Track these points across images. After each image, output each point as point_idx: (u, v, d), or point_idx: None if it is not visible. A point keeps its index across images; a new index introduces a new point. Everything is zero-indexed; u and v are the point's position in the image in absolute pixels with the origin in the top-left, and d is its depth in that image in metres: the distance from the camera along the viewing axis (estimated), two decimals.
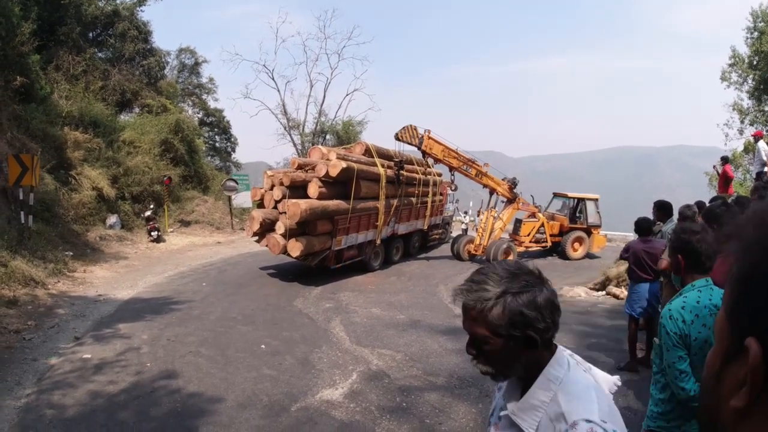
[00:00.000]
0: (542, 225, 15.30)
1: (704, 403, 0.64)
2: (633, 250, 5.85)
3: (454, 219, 20.58)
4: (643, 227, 5.94)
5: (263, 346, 6.75)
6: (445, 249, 16.32)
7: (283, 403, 5.03)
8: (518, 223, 15.52)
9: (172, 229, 16.51)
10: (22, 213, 10.31)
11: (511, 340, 1.25)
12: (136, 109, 21.60)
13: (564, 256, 15.53)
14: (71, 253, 11.40)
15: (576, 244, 15.71)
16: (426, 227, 15.07)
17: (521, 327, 1.24)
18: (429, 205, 14.75)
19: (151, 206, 15.85)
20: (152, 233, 14.76)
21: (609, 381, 1.45)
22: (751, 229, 0.57)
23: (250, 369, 5.92)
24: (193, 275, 11.13)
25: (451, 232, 18.61)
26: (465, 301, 1.30)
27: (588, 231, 15.89)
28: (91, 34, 21.13)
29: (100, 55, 21.19)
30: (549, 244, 15.58)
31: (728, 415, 0.56)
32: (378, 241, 12.44)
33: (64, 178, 13.83)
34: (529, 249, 15.43)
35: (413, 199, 13.83)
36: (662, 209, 6.42)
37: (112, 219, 14.62)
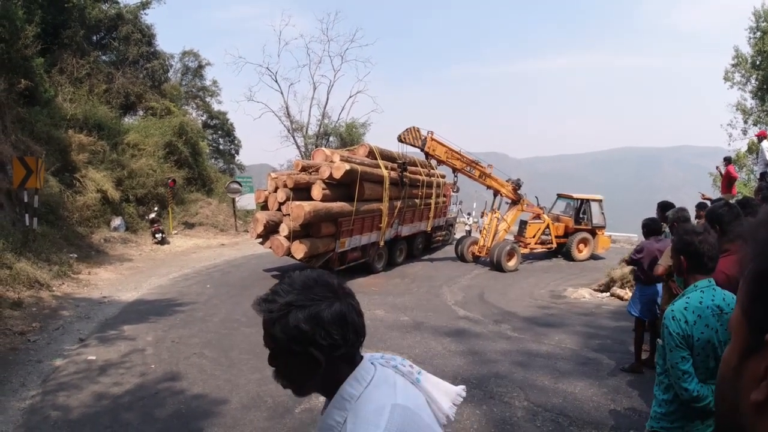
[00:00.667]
0: (547, 226, 15.24)
1: (723, 396, 0.64)
2: (648, 250, 5.69)
3: (457, 221, 20.57)
4: (652, 228, 5.88)
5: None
6: (448, 251, 16.31)
7: (287, 405, 5.02)
8: (523, 224, 15.45)
9: (176, 231, 16.55)
10: (26, 215, 10.36)
11: (295, 356, 1.16)
12: (140, 112, 21.70)
13: (569, 257, 15.47)
14: (76, 255, 11.44)
15: (581, 246, 15.65)
16: (429, 229, 15.06)
17: (302, 343, 1.14)
18: (432, 206, 14.74)
19: (156, 208, 15.91)
20: (156, 235, 14.81)
21: (451, 392, 1.39)
22: (765, 230, 0.59)
23: (254, 371, 5.92)
24: (197, 277, 11.15)
25: (454, 234, 18.60)
26: (256, 311, 1.23)
27: (593, 232, 15.83)
28: (94, 38, 21.26)
29: (104, 58, 21.30)
30: (554, 245, 15.53)
31: (748, 409, 0.57)
32: (381, 243, 12.44)
33: (68, 181, 13.89)
34: (534, 251, 15.38)
35: (417, 201, 13.83)
36: (666, 210, 6.38)
37: (117, 221, 14.67)
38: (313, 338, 1.13)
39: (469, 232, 19.32)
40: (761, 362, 0.55)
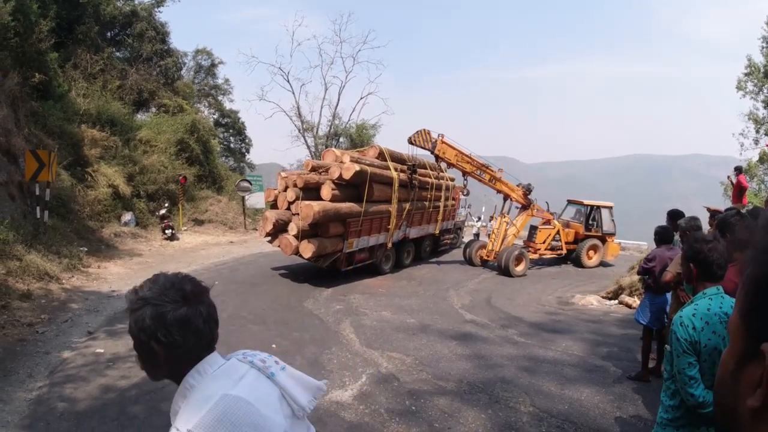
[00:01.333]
0: (558, 232, 15.16)
1: (720, 401, 0.65)
2: (660, 258, 5.63)
3: (466, 224, 20.53)
4: (663, 236, 5.84)
5: (274, 345, 6.79)
6: (456, 254, 16.28)
7: None
8: (533, 229, 15.37)
9: (185, 228, 16.67)
10: (37, 208, 10.47)
11: (142, 344, 1.29)
12: (153, 109, 21.89)
13: (578, 263, 15.39)
14: (86, 249, 11.55)
15: (591, 252, 15.56)
16: (437, 232, 15.03)
17: (147, 336, 1.26)
18: (441, 209, 14.72)
19: (166, 204, 16.03)
20: (166, 231, 14.92)
21: (313, 387, 1.53)
22: (764, 235, 0.59)
23: None
24: (205, 273, 11.21)
25: (462, 238, 18.55)
26: (125, 298, 1.35)
27: (603, 239, 15.74)
28: (109, 34, 21.50)
29: (117, 54, 21.54)
30: (564, 251, 15.44)
31: (745, 414, 0.58)
32: (389, 245, 12.45)
33: (80, 175, 14.04)
34: (544, 256, 15.30)
35: (425, 204, 13.82)
36: (674, 218, 6.35)
37: (127, 216, 14.80)
38: (155, 334, 1.26)
39: (477, 236, 19.28)
40: (758, 369, 0.56)
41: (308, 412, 1.46)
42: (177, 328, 1.27)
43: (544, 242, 15.00)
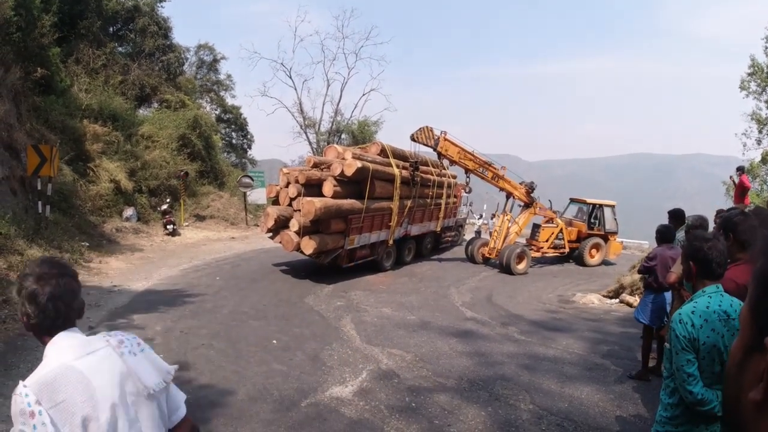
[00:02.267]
0: (561, 231, 15.13)
1: (727, 392, 0.66)
2: (661, 257, 5.63)
3: (467, 222, 20.50)
4: (665, 235, 5.82)
5: (274, 341, 6.79)
6: (457, 251, 16.28)
7: (294, 398, 5.05)
8: (536, 228, 15.34)
9: (187, 223, 16.69)
10: (39, 203, 10.47)
11: (19, 314, 1.55)
12: (155, 104, 21.90)
13: (581, 262, 15.37)
14: (87, 244, 11.57)
15: (593, 251, 15.55)
16: (439, 229, 15.03)
17: (17, 306, 1.54)
18: (443, 207, 14.71)
19: (168, 200, 16.06)
20: (168, 226, 14.93)
21: (163, 370, 1.65)
22: None
23: (261, 363, 5.96)
24: (206, 269, 11.24)
25: (464, 235, 18.54)
26: None
27: (605, 237, 15.72)
28: (111, 29, 21.49)
29: (120, 49, 21.52)
30: (567, 250, 15.42)
31: (748, 406, 0.58)
32: (390, 242, 12.44)
33: (82, 170, 14.05)
34: (546, 255, 15.27)
35: (427, 201, 13.81)
36: (675, 217, 6.33)
37: (129, 211, 14.82)
38: (19, 305, 1.52)
39: (478, 234, 19.27)
40: (761, 362, 0.56)
41: (153, 392, 1.58)
42: (27, 302, 1.50)
43: (546, 240, 14.97)
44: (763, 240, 0.62)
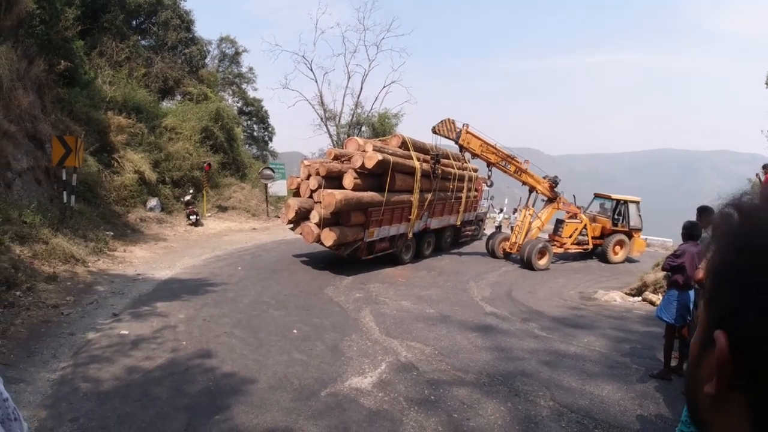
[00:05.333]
0: (585, 227, 14.90)
1: (688, 387, 0.66)
2: (689, 253, 5.48)
3: (488, 216, 20.33)
4: (692, 232, 5.66)
5: (295, 331, 6.85)
6: (476, 246, 16.18)
7: (313, 388, 5.09)
8: (559, 223, 15.12)
9: (209, 214, 16.91)
10: (64, 193, 10.70)
11: None
12: (178, 97, 22.18)
13: (604, 259, 15.14)
14: (112, 233, 11.80)
15: (617, 248, 15.29)
16: (459, 223, 14.93)
17: None
18: (463, 200, 14.59)
19: (191, 191, 16.28)
20: (191, 217, 15.16)
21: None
22: (726, 226, 0.61)
23: (281, 352, 6.02)
24: (228, 259, 11.38)
25: (484, 229, 18.40)
26: None
27: (629, 234, 15.44)
28: (134, 22, 21.78)
29: (143, 42, 21.81)
30: (590, 246, 15.18)
31: (704, 400, 0.59)
32: (410, 235, 12.42)
33: (106, 161, 14.32)
34: (569, 251, 15.06)
35: (448, 194, 13.71)
36: (703, 214, 6.15)
37: (153, 202, 15.08)
38: None
39: (499, 228, 19.10)
40: (712, 357, 0.57)
41: None
42: None
43: (570, 236, 14.75)
44: (715, 230, 0.62)
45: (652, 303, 9.57)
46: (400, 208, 11.65)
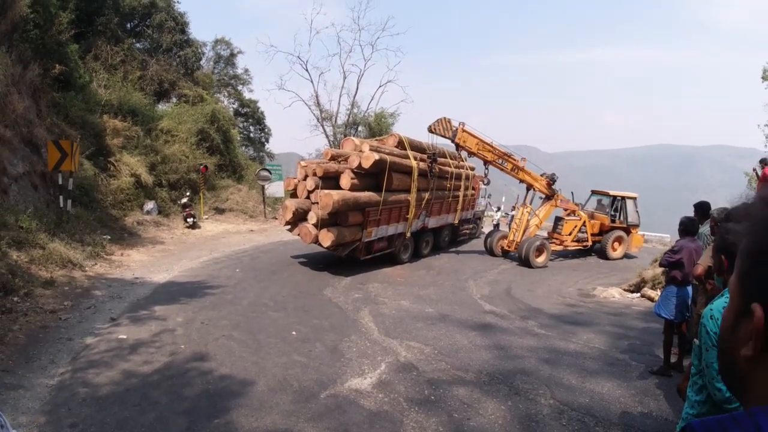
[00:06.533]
0: (584, 224, 14.91)
1: (723, 348, 0.79)
2: (687, 249, 5.49)
3: (485, 214, 20.33)
4: (689, 228, 5.67)
5: (294, 332, 6.84)
6: (474, 244, 16.17)
7: (313, 390, 5.08)
8: (558, 221, 15.10)
9: (207, 216, 16.88)
10: (61, 197, 10.65)
11: None
12: (174, 99, 22.09)
13: (603, 255, 15.14)
14: (109, 237, 11.76)
15: (615, 244, 15.31)
16: (457, 222, 14.93)
17: None
18: (461, 199, 14.59)
19: (188, 193, 16.24)
20: (188, 219, 15.12)
21: None
22: (759, 209, 0.72)
23: (280, 354, 6.00)
24: (226, 261, 11.35)
25: (482, 228, 18.40)
26: None
27: (627, 230, 15.46)
28: (128, 25, 21.69)
29: (137, 45, 21.72)
30: (590, 243, 15.19)
31: (741, 360, 0.71)
32: (408, 234, 12.40)
33: (102, 165, 14.26)
34: (568, 248, 15.06)
35: (445, 193, 13.71)
36: (701, 211, 6.16)
37: (150, 205, 15.03)
38: None
39: (497, 226, 19.10)
40: (749, 325, 0.68)
41: None
42: None
43: (570, 234, 14.73)
44: (748, 224, 0.72)
45: (650, 299, 9.58)
46: (397, 208, 11.64)
